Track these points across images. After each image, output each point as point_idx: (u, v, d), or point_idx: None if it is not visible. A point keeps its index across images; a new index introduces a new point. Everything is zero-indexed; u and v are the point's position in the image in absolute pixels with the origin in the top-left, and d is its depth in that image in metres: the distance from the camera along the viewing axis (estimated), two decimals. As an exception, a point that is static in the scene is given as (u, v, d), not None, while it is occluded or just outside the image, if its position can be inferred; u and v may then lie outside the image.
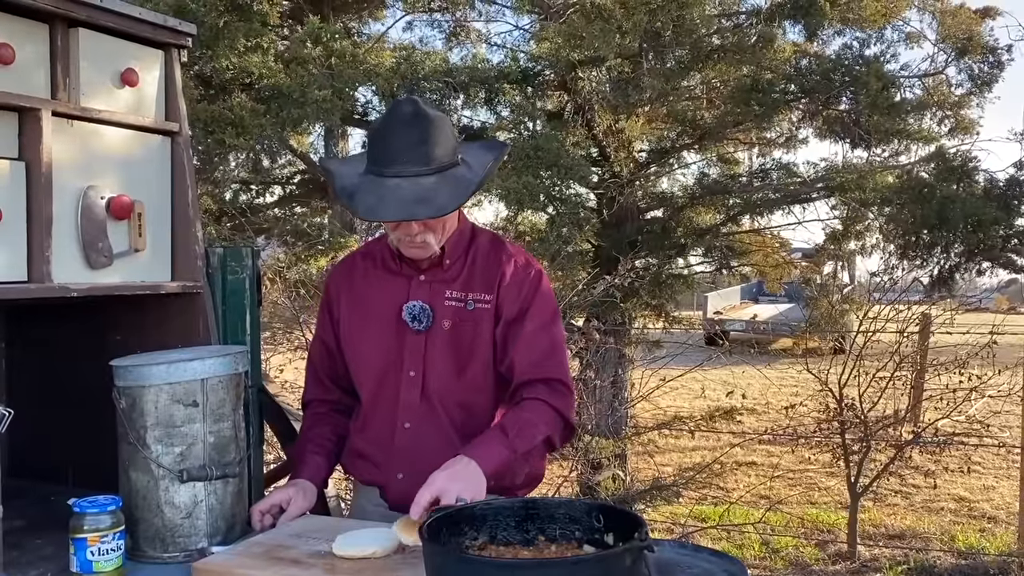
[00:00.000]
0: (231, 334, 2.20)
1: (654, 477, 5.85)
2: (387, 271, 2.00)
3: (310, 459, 2.01)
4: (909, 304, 5.51)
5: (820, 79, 4.73)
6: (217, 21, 3.57)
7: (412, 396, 1.93)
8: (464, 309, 1.93)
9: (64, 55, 1.92)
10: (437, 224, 1.86)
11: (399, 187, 1.75)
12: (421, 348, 1.92)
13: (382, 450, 1.96)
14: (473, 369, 1.93)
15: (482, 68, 4.74)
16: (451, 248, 1.95)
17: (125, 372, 1.83)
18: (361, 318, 2.00)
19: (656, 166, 5.81)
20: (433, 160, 1.79)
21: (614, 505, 1.65)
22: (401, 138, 1.79)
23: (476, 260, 1.96)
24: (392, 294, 1.96)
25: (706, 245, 5.62)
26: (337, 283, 2.08)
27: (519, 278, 1.95)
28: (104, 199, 1.96)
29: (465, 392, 1.94)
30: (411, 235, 1.85)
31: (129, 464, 1.83)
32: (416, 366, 1.93)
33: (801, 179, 5.24)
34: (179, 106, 2.16)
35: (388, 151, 1.80)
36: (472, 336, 1.92)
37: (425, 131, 1.80)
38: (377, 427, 1.97)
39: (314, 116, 3.93)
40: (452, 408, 1.94)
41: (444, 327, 1.92)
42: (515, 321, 1.92)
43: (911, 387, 5.81)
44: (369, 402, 2.00)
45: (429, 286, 1.95)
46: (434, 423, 1.93)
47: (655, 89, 4.38)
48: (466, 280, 1.95)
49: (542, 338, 1.93)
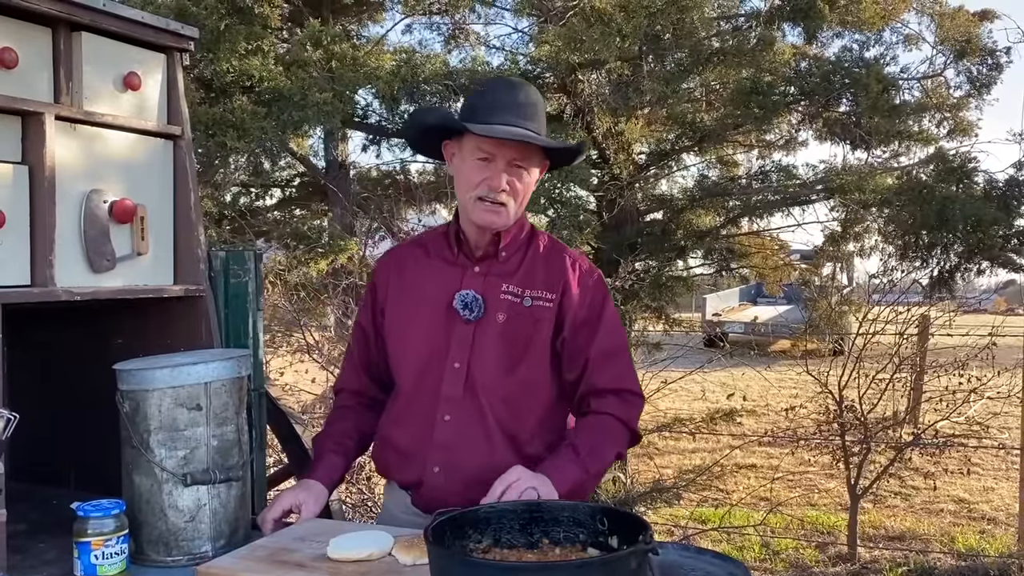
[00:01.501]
0: (233, 337, 2.21)
1: (654, 479, 5.85)
2: (441, 260, 1.96)
3: (327, 457, 1.98)
4: (908, 306, 5.51)
5: (820, 81, 4.73)
6: (218, 24, 3.56)
7: (455, 388, 1.88)
8: (520, 304, 1.88)
9: (67, 59, 1.92)
10: (520, 188, 1.85)
11: (508, 128, 1.79)
12: (469, 339, 1.88)
13: (419, 443, 1.91)
14: (525, 367, 1.88)
15: (482, 71, 4.73)
16: (509, 241, 1.92)
17: (129, 376, 1.83)
18: (409, 305, 1.96)
19: (656, 168, 5.82)
20: (536, 119, 1.84)
21: (618, 508, 1.64)
22: (507, 94, 1.84)
23: (536, 259, 1.93)
24: (445, 282, 1.92)
25: (706, 247, 5.62)
26: (386, 270, 2.04)
27: (586, 283, 1.92)
28: (107, 203, 1.97)
29: (513, 389, 1.89)
30: (496, 189, 1.82)
31: (132, 468, 1.83)
32: (462, 357, 1.88)
33: (800, 181, 5.24)
34: (181, 110, 2.16)
35: (494, 103, 1.83)
36: (529, 333, 1.88)
37: (529, 94, 1.86)
38: (416, 419, 1.92)
39: (315, 119, 3.93)
40: (497, 405, 1.88)
41: (497, 320, 1.87)
42: (585, 328, 1.89)
43: (911, 389, 5.81)
44: (409, 392, 1.94)
45: (484, 277, 1.91)
46: (476, 418, 1.88)
47: (655, 92, 4.38)
48: (524, 276, 1.91)
49: (614, 346, 1.91)
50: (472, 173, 1.85)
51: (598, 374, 1.89)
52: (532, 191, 1.95)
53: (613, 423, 1.88)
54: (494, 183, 1.82)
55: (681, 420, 4.92)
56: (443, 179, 5.83)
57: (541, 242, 1.97)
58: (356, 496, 3.98)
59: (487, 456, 1.87)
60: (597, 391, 1.90)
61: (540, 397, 1.93)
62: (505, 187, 1.82)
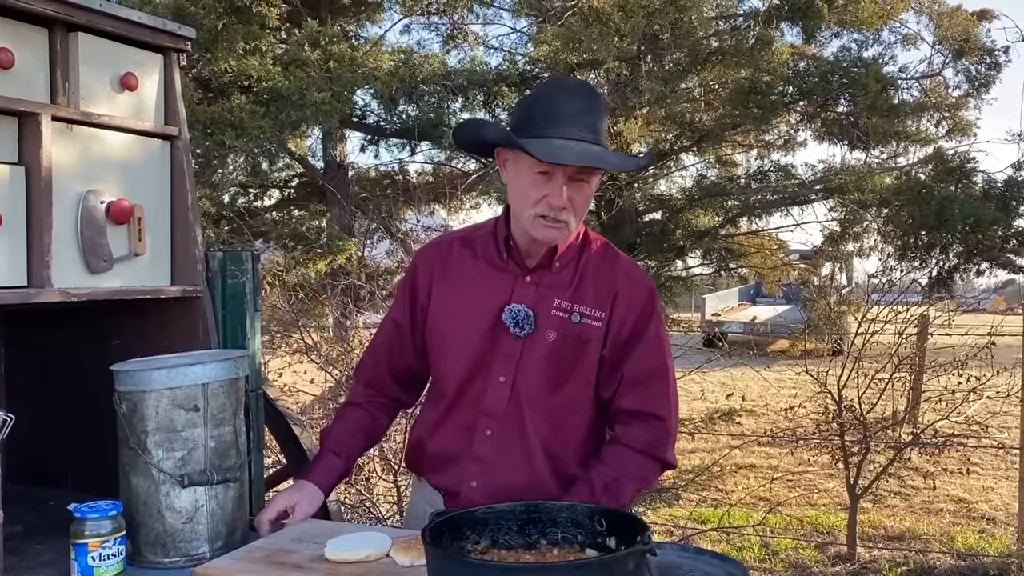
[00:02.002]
0: (231, 338, 2.20)
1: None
2: (489, 264, 1.85)
3: (326, 458, 1.93)
4: (908, 305, 5.50)
5: (818, 81, 4.73)
6: (216, 24, 3.55)
7: (499, 403, 1.81)
8: (569, 321, 1.79)
9: (64, 59, 1.92)
10: (582, 204, 1.74)
11: (567, 146, 1.64)
12: (517, 354, 1.79)
13: (458, 455, 1.84)
14: (570, 387, 1.80)
15: (480, 71, 4.72)
16: (564, 249, 1.81)
17: (126, 377, 1.82)
18: (455, 309, 1.85)
19: (654, 168, 5.81)
20: (597, 131, 1.70)
21: (616, 509, 1.64)
22: (566, 101, 1.69)
23: (588, 268, 1.83)
24: (494, 290, 1.82)
25: (705, 247, 5.61)
26: (429, 265, 1.91)
27: (634, 298, 1.82)
28: (104, 203, 1.96)
29: (557, 409, 1.81)
30: (557, 208, 1.68)
31: (130, 469, 1.82)
32: (508, 372, 1.80)
33: (799, 181, 5.23)
34: (179, 110, 2.16)
35: (555, 113, 1.68)
36: (576, 353, 1.79)
37: (593, 100, 1.72)
38: (454, 428, 1.85)
39: (313, 118, 3.91)
40: (540, 423, 1.81)
41: (548, 338, 1.78)
42: (626, 346, 1.80)
43: (910, 388, 5.80)
44: (451, 401, 1.86)
45: (535, 289, 1.81)
46: (518, 435, 1.80)
47: (653, 92, 4.37)
48: (576, 289, 1.81)
49: (651, 367, 1.81)
50: (530, 189, 1.71)
51: (626, 395, 1.81)
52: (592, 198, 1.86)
53: (634, 457, 1.79)
54: (555, 201, 1.69)
55: (680, 420, 4.91)
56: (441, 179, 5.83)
57: (594, 248, 1.86)
58: (355, 497, 3.97)
59: (526, 476, 1.82)
60: (621, 413, 1.82)
61: (584, 416, 1.86)
62: (566, 204, 1.70)
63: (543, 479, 1.83)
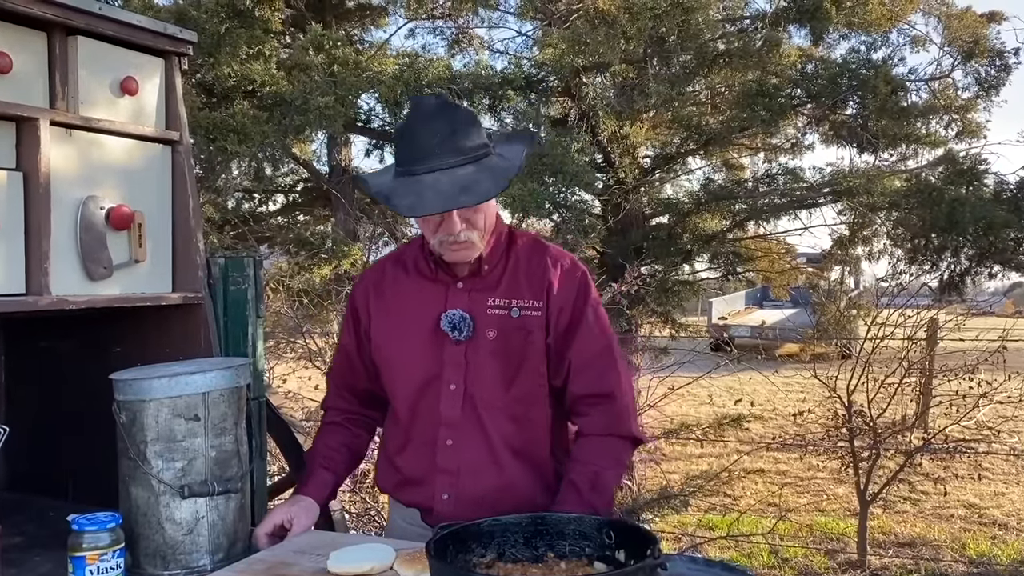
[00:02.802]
0: (233, 346, 2.17)
1: (662, 486, 5.79)
2: (421, 277, 1.88)
3: (317, 474, 1.94)
4: (918, 309, 5.45)
5: (827, 84, 4.68)
6: (219, 28, 3.52)
7: (454, 411, 1.82)
8: (508, 316, 1.81)
9: (63, 64, 1.89)
10: (480, 219, 1.76)
11: (437, 181, 1.66)
12: (462, 359, 1.81)
13: (424, 470, 1.85)
14: (523, 380, 1.82)
15: (486, 75, 4.69)
16: (489, 252, 1.83)
17: (125, 386, 1.79)
18: (395, 328, 1.88)
19: (661, 172, 5.77)
20: (466, 150, 1.70)
21: (626, 521, 1.61)
22: (431, 131, 1.70)
23: (519, 265, 1.85)
24: (428, 302, 1.84)
25: (712, 251, 5.56)
26: (365, 291, 1.95)
27: (568, 283, 1.84)
28: (104, 209, 1.94)
29: (516, 405, 1.82)
30: (454, 233, 1.72)
31: (129, 480, 1.79)
32: (457, 379, 1.81)
33: (808, 184, 5.18)
34: (180, 114, 2.13)
35: (419, 146, 1.70)
36: (522, 346, 1.81)
37: (455, 120, 1.72)
38: (417, 445, 1.86)
39: (316, 123, 3.88)
40: (502, 422, 1.82)
41: (488, 337, 1.80)
42: (568, 330, 1.82)
43: (920, 393, 5.75)
44: (407, 418, 1.88)
45: (468, 294, 1.83)
46: (480, 439, 1.82)
47: (660, 95, 4.33)
48: (509, 286, 1.83)
49: (595, 349, 1.83)
50: (424, 225, 1.78)
51: (576, 381, 1.83)
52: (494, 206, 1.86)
53: (603, 443, 1.82)
54: (450, 229, 1.72)
55: (688, 426, 4.87)
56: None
57: (521, 244, 1.89)
58: (359, 506, 3.93)
59: (496, 478, 1.83)
60: (576, 400, 1.84)
61: (544, 408, 1.87)
62: (463, 226, 1.73)
63: (516, 478, 1.84)
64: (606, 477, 1.80)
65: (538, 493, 1.84)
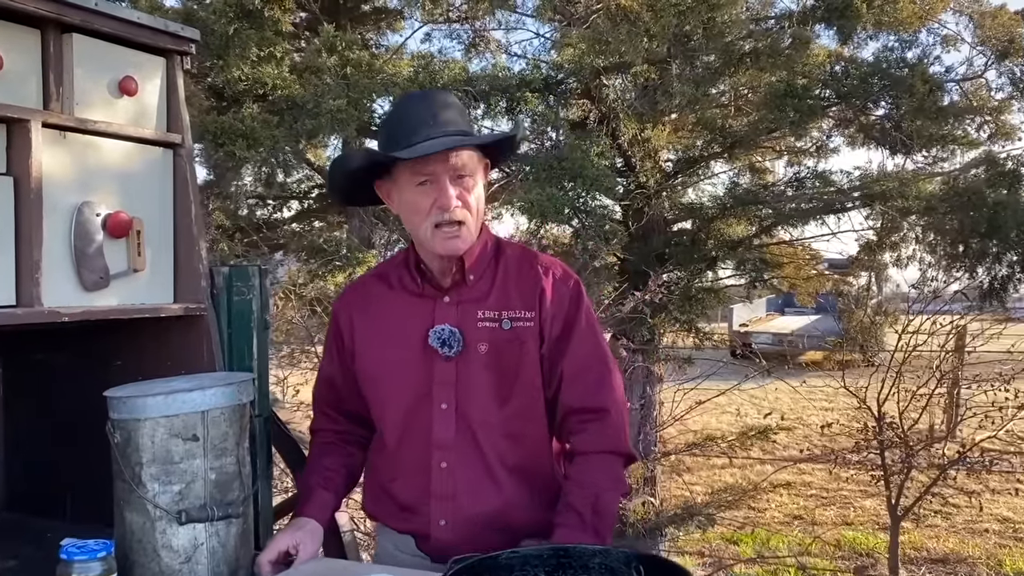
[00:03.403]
0: (237, 359, 2.06)
1: (684, 499, 5.64)
2: (406, 293, 1.80)
3: (316, 495, 1.83)
4: (952, 316, 5.26)
5: (858, 83, 4.52)
6: (227, 29, 3.42)
7: (446, 432, 1.72)
8: (500, 329, 1.72)
9: (57, 62, 1.79)
10: (472, 199, 1.70)
11: (432, 142, 1.65)
12: (452, 377, 1.72)
13: (418, 496, 1.75)
14: (520, 395, 1.73)
15: (503, 76, 4.57)
16: (474, 262, 1.75)
17: (119, 404, 1.68)
18: (380, 347, 1.79)
19: (684, 176, 5.63)
20: (455, 124, 1.69)
21: (655, 556, 1.48)
22: (423, 107, 1.70)
23: (508, 275, 1.77)
24: (415, 317, 1.76)
25: (738, 258, 5.40)
26: (348, 310, 1.86)
27: (560, 292, 1.76)
28: (100, 216, 1.83)
29: (512, 422, 1.73)
30: (449, 208, 1.65)
31: (124, 504, 1.68)
32: (448, 397, 1.72)
33: (837, 188, 5.02)
34: (182, 116, 2.03)
35: (410, 122, 1.68)
36: (516, 358, 1.72)
37: (442, 100, 1.72)
38: (409, 470, 1.76)
39: (328, 127, 3.78)
40: (498, 441, 1.73)
41: (480, 351, 1.72)
42: (559, 341, 1.74)
43: (954, 404, 5.56)
44: (396, 442, 1.78)
45: (457, 307, 1.75)
46: (476, 460, 1.72)
47: (684, 95, 4.18)
48: (499, 297, 1.75)
49: (587, 359, 1.75)
50: (418, 201, 1.69)
51: (568, 392, 1.74)
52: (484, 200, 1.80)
53: (601, 461, 1.72)
54: (444, 202, 1.66)
55: (713, 438, 4.72)
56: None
57: (510, 254, 1.82)
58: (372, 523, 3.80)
59: (495, 498, 1.72)
60: (568, 414, 1.75)
61: (542, 424, 1.77)
62: (457, 203, 1.67)
63: (516, 498, 1.73)
64: (607, 499, 1.70)
65: (540, 512, 1.73)
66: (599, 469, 1.71)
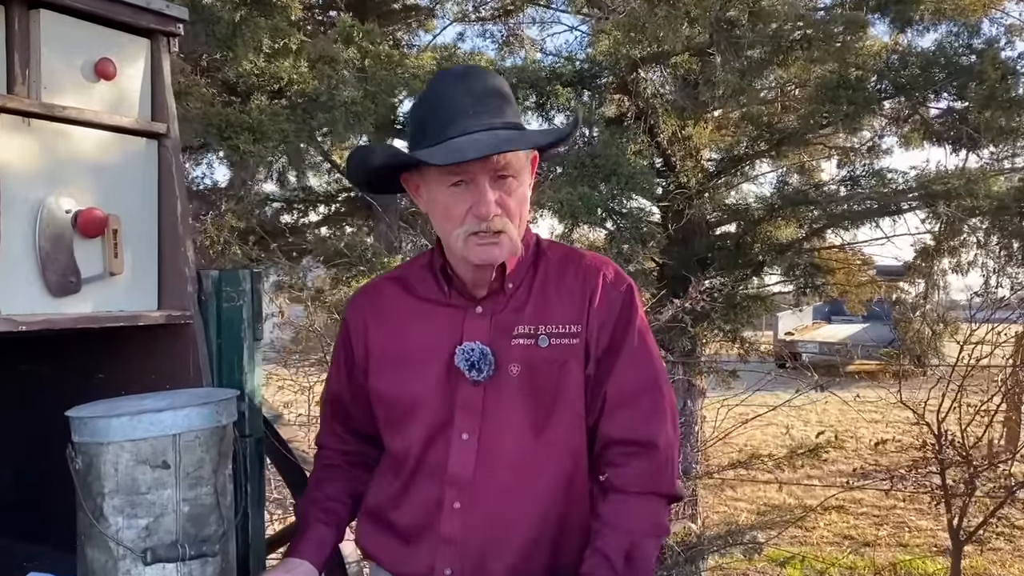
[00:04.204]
0: (227, 373, 1.85)
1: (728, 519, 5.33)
2: (430, 301, 1.55)
3: (312, 531, 1.58)
4: (1020, 326, 4.88)
5: (919, 72, 4.18)
6: (233, 16, 3.23)
7: (464, 467, 1.46)
8: (535, 347, 1.47)
9: (23, 41, 1.61)
10: (514, 205, 1.44)
11: (473, 139, 1.38)
12: (478, 403, 1.47)
13: (422, 536, 1.50)
14: (557, 426, 1.47)
15: (532, 70, 4.31)
16: (515, 266, 1.50)
17: (81, 425, 1.49)
18: (397, 365, 1.54)
19: (727, 176, 5.32)
20: (500, 113, 1.42)
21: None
22: (456, 92, 1.42)
23: (548, 281, 1.52)
24: (440, 331, 1.51)
25: (786, 263, 5.06)
26: (360, 315, 1.61)
27: (611, 300, 1.50)
28: (69, 213, 1.64)
29: (546, 458, 1.47)
30: (487, 217, 1.39)
31: (85, 539, 1.49)
32: (471, 427, 1.47)
33: (896, 187, 4.66)
34: (167, 104, 1.83)
35: (445, 109, 1.41)
36: (555, 381, 1.47)
37: (485, 83, 1.45)
38: (417, 505, 1.51)
39: (343, 121, 3.55)
40: (531, 481, 1.46)
41: (511, 373, 1.47)
42: (605, 358, 1.49)
43: (1020, 420, 5.16)
44: (408, 473, 1.53)
45: (490, 320, 1.49)
46: (497, 502, 1.46)
47: (728, 84, 3.88)
48: (536, 308, 1.49)
49: (636, 382, 1.49)
50: (451, 205, 1.43)
51: (612, 420, 1.47)
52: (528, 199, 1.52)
53: (641, 504, 1.45)
54: (482, 210, 1.40)
55: (758, 456, 4.42)
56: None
57: (552, 255, 1.55)
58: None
59: (516, 554, 1.45)
60: (609, 445, 1.47)
61: (585, 457, 1.50)
62: (497, 210, 1.41)
63: (540, 553, 1.45)
64: (644, 547, 1.43)
65: (567, 558, 1.47)
66: (638, 511, 1.45)
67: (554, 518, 1.47)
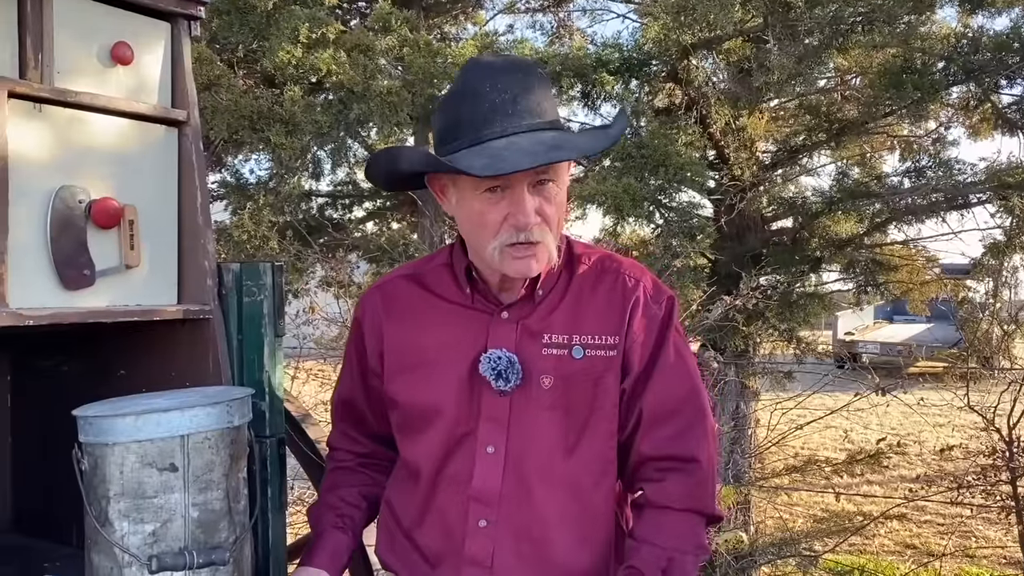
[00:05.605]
0: (248, 370, 1.77)
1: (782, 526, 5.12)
2: (450, 303, 1.45)
3: (329, 536, 1.50)
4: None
5: (991, 57, 3.92)
6: (266, 4, 3.16)
7: (490, 483, 1.38)
8: (568, 357, 1.38)
9: (36, 24, 1.55)
10: (553, 213, 1.33)
11: (513, 144, 1.27)
12: (505, 414, 1.38)
13: (447, 556, 1.41)
14: (591, 442, 1.38)
15: (577, 57, 4.15)
16: (547, 275, 1.41)
17: (87, 424, 1.42)
18: (412, 366, 1.45)
19: (784, 168, 5.09)
20: (540, 112, 1.32)
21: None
22: (490, 91, 1.31)
23: (582, 288, 1.42)
24: (462, 336, 1.42)
25: (846, 259, 4.82)
26: (376, 316, 1.51)
27: (651, 313, 1.41)
28: (83, 202, 1.58)
29: (581, 475, 1.38)
30: (526, 228, 1.29)
31: (91, 544, 1.42)
32: (497, 439, 1.38)
33: (964, 178, 4.39)
34: (188, 90, 1.76)
35: (475, 109, 1.30)
36: (589, 395, 1.38)
37: (523, 78, 1.34)
38: (439, 522, 1.43)
39: (379, 111, 3.46)
40: (562, 498, 1.38)
41: (543, 386, 1.38)
42: (644, 370, 1.40)
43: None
44: (428, 486, 1.44)
45: (517, 327, 1.40)
46: (528, 520, 1.37)
47: (784, 69, 3.68)
48: (569, 316, 1.40)
49: (678, 400, 1.40)
50: (484, 213, 1.32)
51: (649, 437, 1.39)
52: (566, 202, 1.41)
53: (681, 520, 1.36)
54: (521, 220, 1.30)
55: (815, 461, 4.21)
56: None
57: (585, 260, 1.44)
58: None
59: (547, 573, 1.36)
60: (646, 462, 1.39)
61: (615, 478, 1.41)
62: (536, 218, 1.31)
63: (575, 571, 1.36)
64: (683, 565, 1.33)
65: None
66: (677, 528, 1.35)
67: (584, 539, 1.37)
